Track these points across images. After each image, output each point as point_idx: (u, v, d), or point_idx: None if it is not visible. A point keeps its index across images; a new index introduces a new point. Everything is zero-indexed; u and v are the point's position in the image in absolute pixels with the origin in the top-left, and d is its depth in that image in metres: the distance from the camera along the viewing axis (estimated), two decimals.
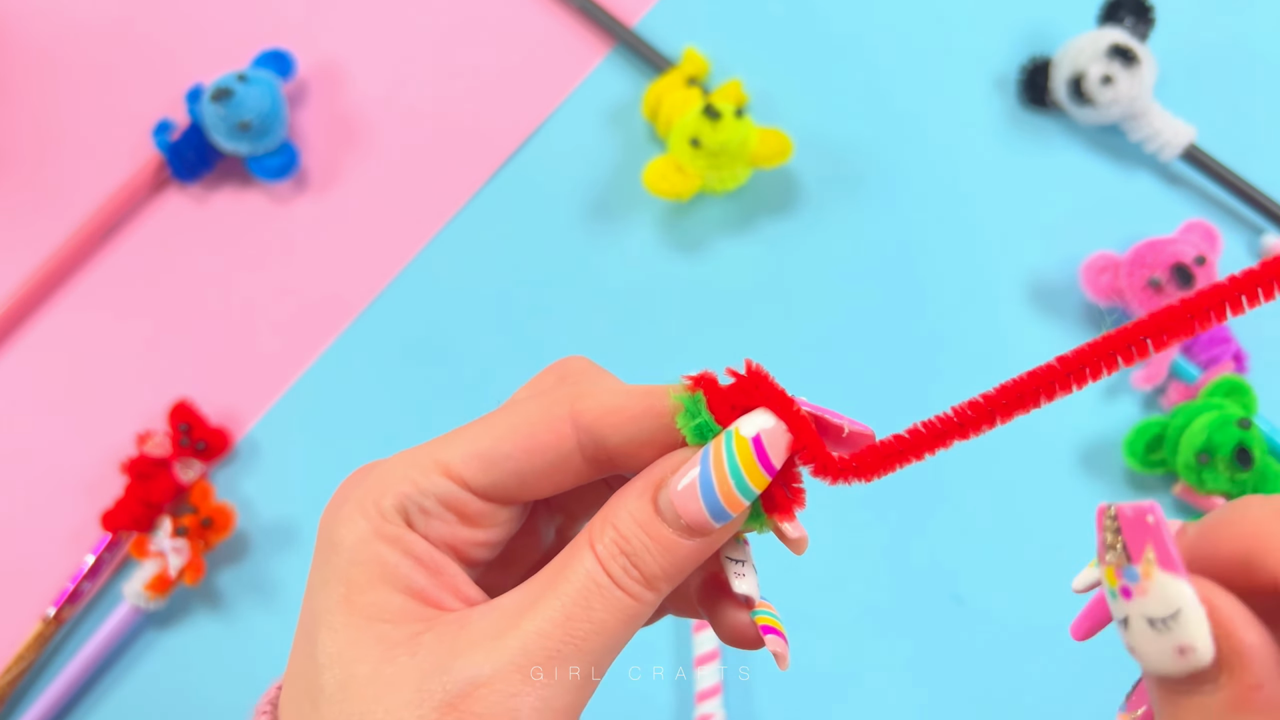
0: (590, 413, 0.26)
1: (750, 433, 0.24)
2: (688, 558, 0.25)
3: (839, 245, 0.58)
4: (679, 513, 0.25)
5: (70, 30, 0.64)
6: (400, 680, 0.24)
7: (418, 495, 0.26)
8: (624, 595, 0.25)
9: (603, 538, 0.25)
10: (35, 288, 0.58)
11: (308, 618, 0.26)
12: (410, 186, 0.60)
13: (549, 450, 0.26)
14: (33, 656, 0.52)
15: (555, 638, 0.24)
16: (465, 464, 0.26)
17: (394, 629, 0.24)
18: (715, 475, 0.24)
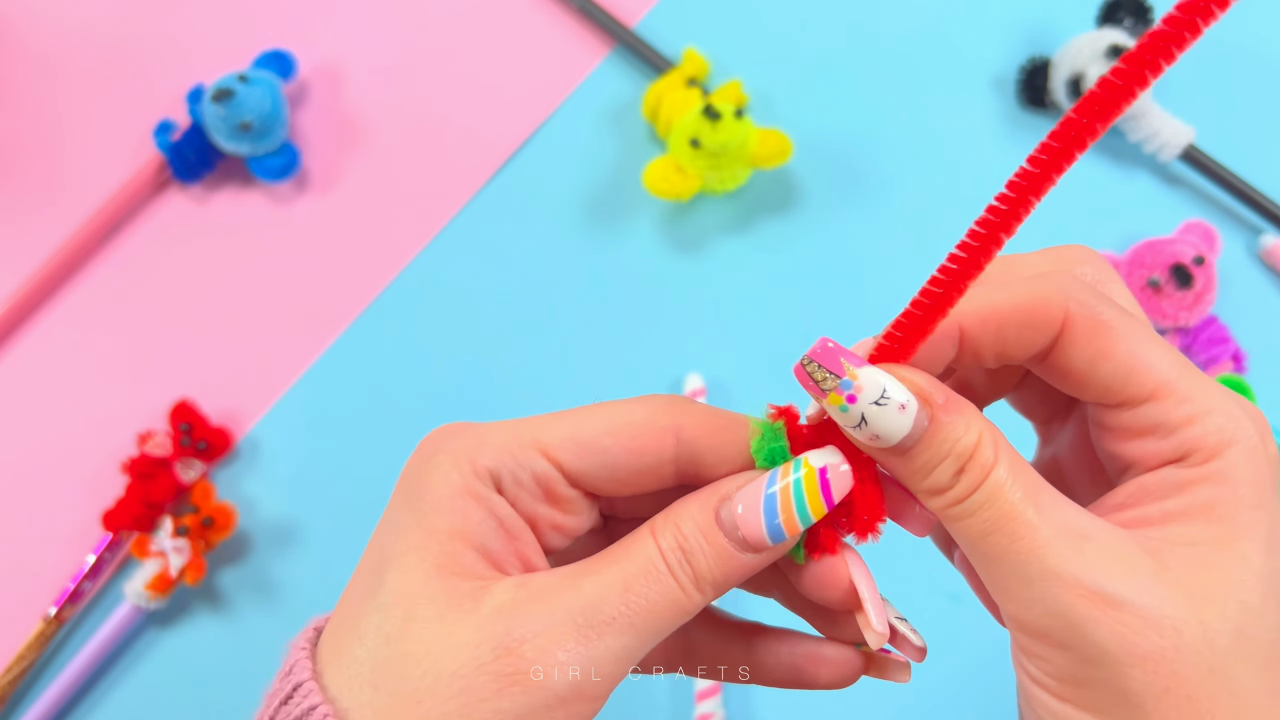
0: (694, 429, 0.27)
1: (819, 464, 0.26)
2: (736, 570, 0.27)
3: (839, 245, 0.58)
4: (738, 524, 0.26)
5: (72, 31, 0.64)
6: (461, 625, 0.25)
7: (514, 465, 0.27)
8: (675, 585, 0.26)
9: (664, 533, 0.26)
10: (37, 287, 0.58)
11: (374, 557, 0.27)
12: (410, 187, 0.60)
13: (648, 454, 0.27)
14: (34, 656, 0.52)
15: (611, 603, 0.25)
16: (564, 448, 0.27)
17: (462, 581, 0.25)
18: (780, 496, 0.26)
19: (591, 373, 0.56)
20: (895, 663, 0.30)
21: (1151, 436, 0.26)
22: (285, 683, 0.26)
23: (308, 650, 0.27)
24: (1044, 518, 0.24)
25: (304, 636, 0.27)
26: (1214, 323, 0.54)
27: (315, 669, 0.26)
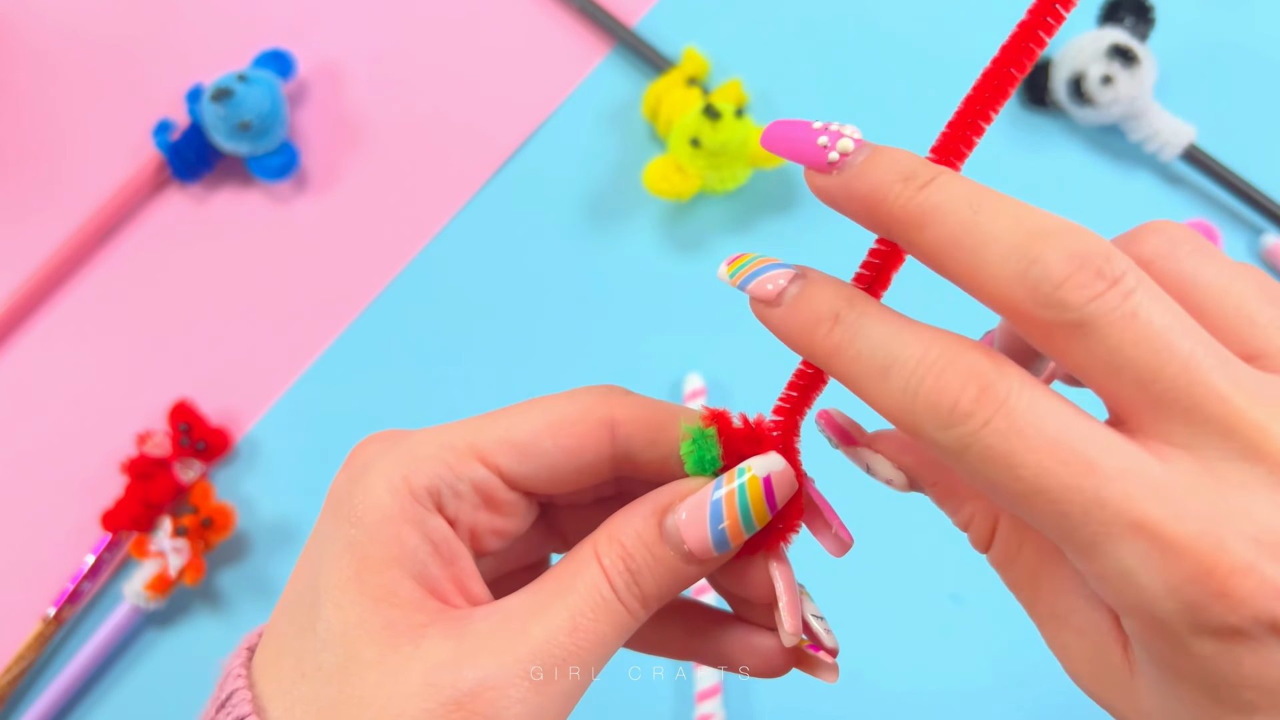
0: (630, 423, 0.27)
1: (763, 472, 0.26)
2: (683, 580, 0.26)
3: (839, 245, 0.58)
4: (684, 538, 0.26)
5: (71, 31, 0.64)
6: (405, 671, 0.24)
7: (453, 478, 0.26)
8: (623, 610, 0.25)
9: (609, 552, 0.26)
10: (36, 287, 0.58)
11: (307, 586, 0.26)
12: (410, 186, 0.60)
13: (586, 451, 0.27)
14: (33, 656, 0.52)
15: (563, 646, 0.24)
16: (500, 451, 0.26)
17: (401, 616, 0.24)
18: (725, 507, 0.26)
19: (592, 373, 0.56)
20: (822, 662, 0.29)
21: None
22: (224, 714, 0.26)
23: (245, 678, 0.26)
24: None
25: (238, 660, 0.27)
26: None
27: (255, 701, 0.25)
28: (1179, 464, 0.20)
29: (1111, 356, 0.21)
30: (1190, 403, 0.20)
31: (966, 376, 0.21)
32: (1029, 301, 0.21)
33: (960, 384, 0.21)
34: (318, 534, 0.26)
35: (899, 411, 0.22)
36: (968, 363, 0.21)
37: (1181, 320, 0.21)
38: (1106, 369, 0.21)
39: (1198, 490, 0.20)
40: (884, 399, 0.23)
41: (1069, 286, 0.21)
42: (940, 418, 0.21)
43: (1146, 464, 0.20)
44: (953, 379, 0.21)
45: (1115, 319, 0.21)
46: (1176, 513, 0.20)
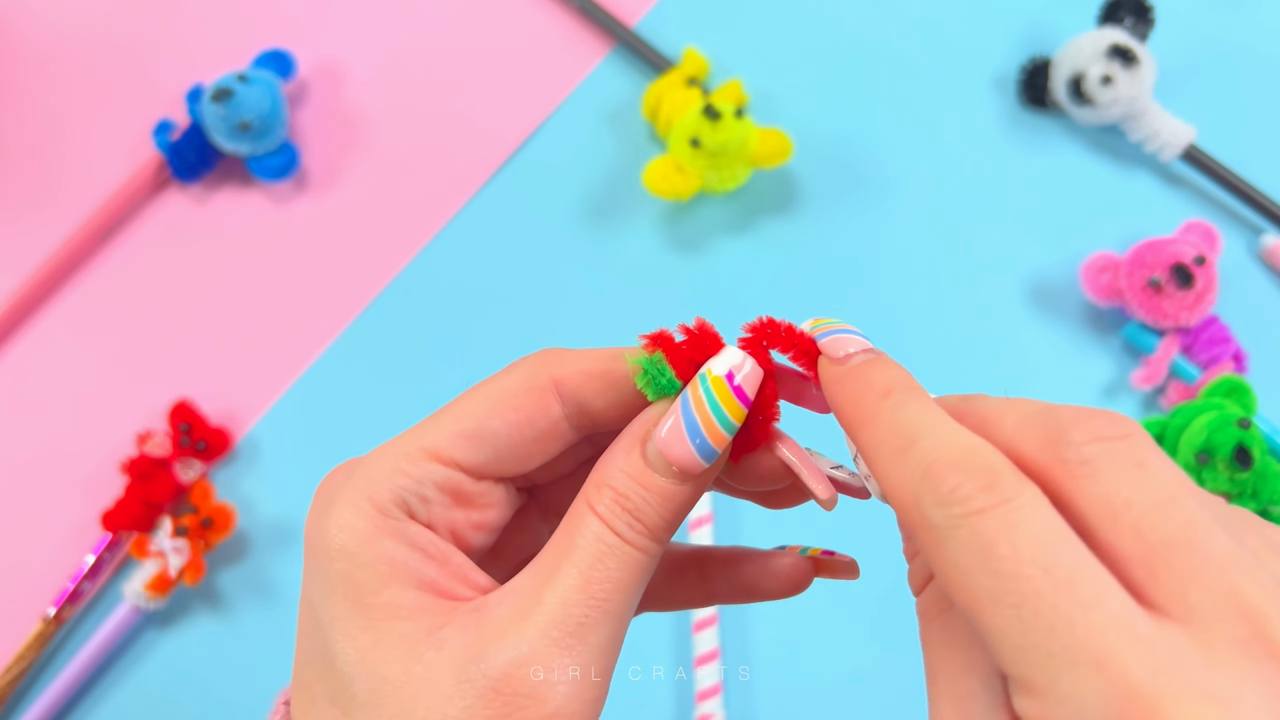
0: (572, 379, 0.27)
1: (723, 370, 0.26)
2: (684, 503, 0.26)
3: (839, 245, 0.58)
4: (668, 459, 0.25)
5: (71, 30, 0.64)
6: (434, 676, 0.24)
7: (414, 485, 0.25)
8: (633, 550, 0.25)
9: (601, 498, 0.25)
10: (36, 287, 0.58)
11: (314, 631, 0.25)
12: (410, 187, 0.60)
13: (537, 420, 0.26)
14: (33, 656, 0.52)
15: (580, 605, 0.24)
16: (454, 446, 0.26)
17: (414, 626, 0.24)
18: (698, 415, 0.25)
19: None
20: (841, 563, 0.30)
21: None
22: None
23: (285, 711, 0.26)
24: None
25: (279, 715, 0.27)
26: (1215, 323, 0.54)
27: None
28: (1171, 627, 0.19)
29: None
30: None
31: (983, 469, 0.21)
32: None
33: (973, 473, 0.21)
34: (306, 579, 0.26)
35: (902, 484, 0.22)
36: (989, 460, 0.21)
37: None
38: None
39: (1186, 664, 0.18)
40: (894, 471, 0.22)
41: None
42: (940, 495, 0.21)
43: (1134, 613, 0.19)
44: (969, 467, 0.21)
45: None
46: (1154, 668, 0.18)
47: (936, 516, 0.21)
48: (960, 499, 0.20)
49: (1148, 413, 0.55)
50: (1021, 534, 0.20)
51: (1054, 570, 0.19)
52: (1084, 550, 0.20)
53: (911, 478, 0.22)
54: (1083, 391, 0.55)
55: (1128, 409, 0.55)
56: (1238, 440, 0.49)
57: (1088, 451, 0.21)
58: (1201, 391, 0.53)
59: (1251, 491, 0.50)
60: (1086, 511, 0.20)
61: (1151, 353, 0.54)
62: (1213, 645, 0.18)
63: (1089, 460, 0.21)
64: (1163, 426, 0.52)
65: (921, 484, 0.21)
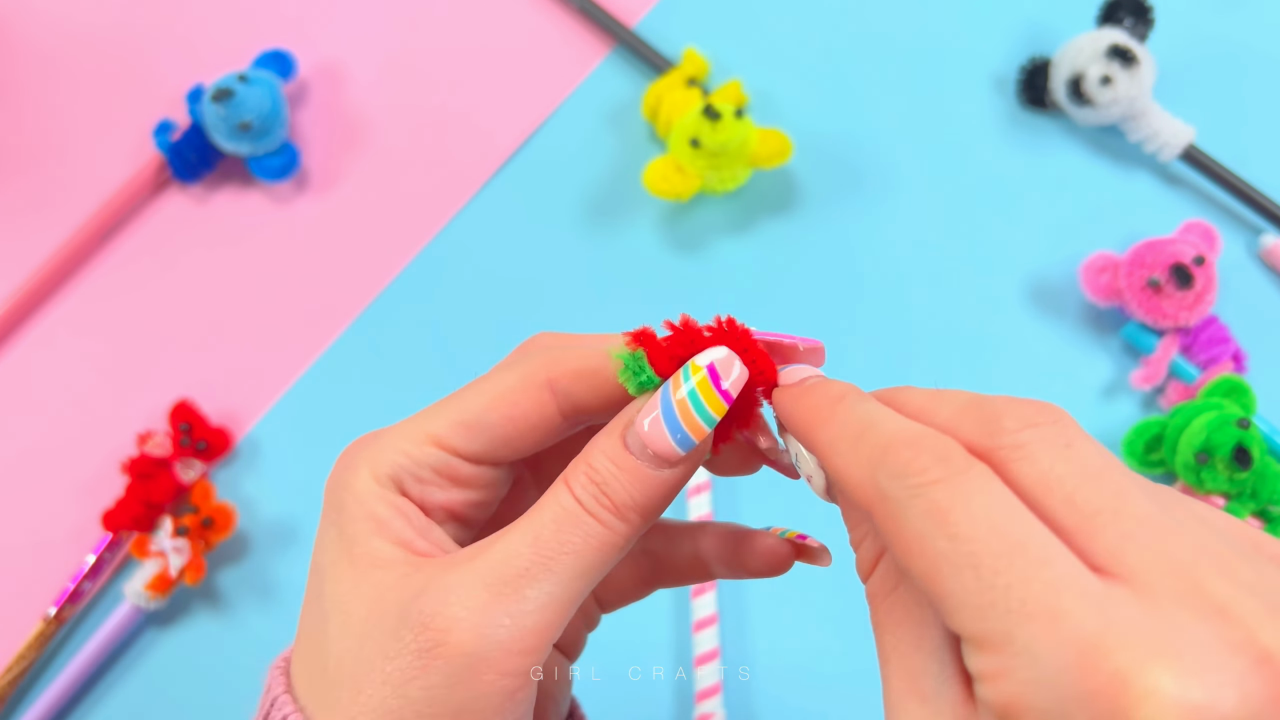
0: (565, 378, 0.28)
1: (704, 362, 0.27)
2: (659, 488, 0.27)
3: (839, 245, 0.58)
4: (646, 444, 0.27)
5: (71, 30, 0.64)
6: (385, 615, 0.26)
7: (412, 465, 0.28)
8: (593, 521, 0.26)
9: (576, 476, 0.27)
10: (36, 287, 0.58)
11: (314, 574, 0.28)
12: (410, 187, 0.60)
13: (531, 415, 0.28)
14: (33, 656, 0.52)
15: (523, 556, 0.26)
16: (453, 433, 0.28)
17: (387, 573, 0.26)
18: (676, 405, 0.27)
19: None
20: (813, 549, 0.31)
21: None
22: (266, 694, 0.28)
23: (284, 668, 0.28)
24: None
25: (282, 656, 0.29)
26: (1214, 323, 0.54)
27: (290, 689, 0.28)
28: (1117, 586, 0.20)
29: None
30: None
31: (937, 445, 0.22)
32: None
33: (928, 449, 0.22)
34: (319, 531, 0.29)
35: (858, 465, 0.23)
36: (943, 443, 0.22)
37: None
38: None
39: (1132, 618, 0.19)
40: (850, 456, 0.24)
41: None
42: (897, 468, 0.22)
43: (1083, 572, 0.20)
44: (924, 445, 0.22)
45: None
46: (1105, 620, 0.19)
47: (893, 489, 0.22)
48: (917, 470, 0.22)
49: (1147, 413, 0.55)
50: (976, 501, 0.21)
51: (1008, 534, 0.20)
52: (1033, 518, 0.21)
53: (869, 458, 0.23)
54: (1082, 391, 0.55)
55: (1127, 409, 0.55)
56: (1237, 440, 0.49)
57: (1021, 436, 0.22)
58: (1201, 391, 0.53)
59: (1251, 492, 0.50)
60: (1025, 489, 0.22)
61: (1151, 353, 0.54)
62: (1155, 599, 0.19)
63: (1023, 444, 0.22)
64: (1162, 426, 0.52)
65: (879, 461, 0.23)
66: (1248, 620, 0.19)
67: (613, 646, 0.51)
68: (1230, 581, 0.20)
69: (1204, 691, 0.18)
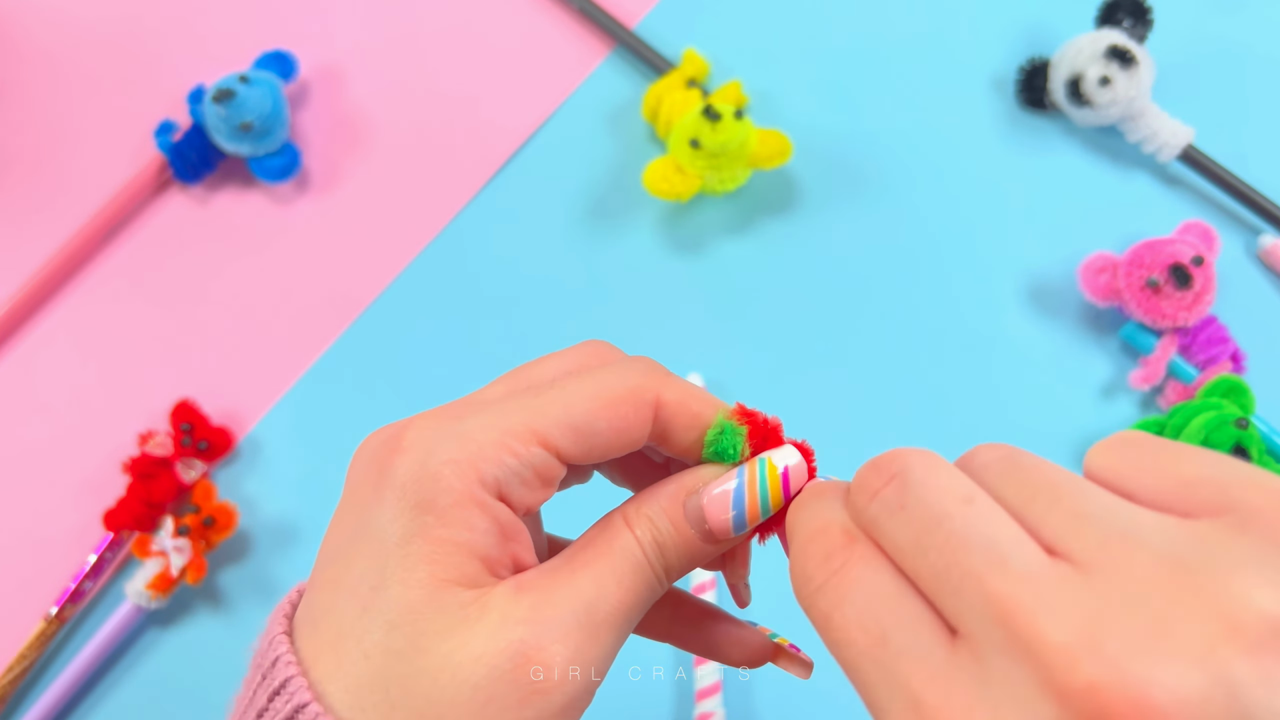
0: (673, 405, 0.29)
1: (782, 464, 0.29)
2: (698, 559, 0.29)
3: (839, 245, 0.58)
4: (705, 517, 0.28)
5: (72, 31, 0.64)
6: (472, 638, 0.25)
7: (520, 467, 0.27)
8: (653, 576, 0.28)
9: (639, 523, 0.28)
10: (37, 288, 0.58)
11: (371, 567, 0.26)
12: (411, 187, 0.60)
13: (633, 430, 0.28)
14: (35, 655, 0.52)
15: (609, 600, 0.27)
16: (562, 435, 0.27)
17: (464, 593, 0.26)
18: (748, 491, 0.28)
19: None
20: (801, 661, 0.32)
21: None
22: (281, 701, 0.26)
23: (296, 664, 0.26)
24: None
25: (283, 645, 0.27)
26: (1213, 323, 0.55)
27: (313, 687, 0.25)
28: (959, 650, 0.21)
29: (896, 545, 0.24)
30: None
31: (822, 545, 0.25)
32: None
33: (815, 551, 0.25)
34: (381, 514, 0.27)
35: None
36: (827, 539, 0.25)
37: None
38: (896, 555, 0.24)
39: (965, 683, 0.21)
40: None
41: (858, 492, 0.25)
42: (798, 577, 0.25)
43: (934, 647, 0.22)
44: (813, 547, 0.25)
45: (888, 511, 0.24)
46: (943, 692, 0.21)
47: (801, 598, 0.25)
48: (805, 578, 0.25)
49: (1146, 413, 0.55)
50: (847, 602, 0.23)
51: (870, 631, 0.23)
52: (900, 595, 0.23)
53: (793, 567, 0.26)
54: (1081, 392, 0.55)
55: (1126, 409, 0.55)
56: (1235, 440, 0.49)
57: (870, 512, 0.24)
58: (1199, 391, 0.53)
59: None
60: (893, 559, 0.23)
61: (1149, 353, 0.54)
62: (983, 659, 0.21)
63: (873, 520, 0.24)
64: (1160, 426, 0.52)
65: (792, 570, 0.25)
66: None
67: None
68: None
69: None
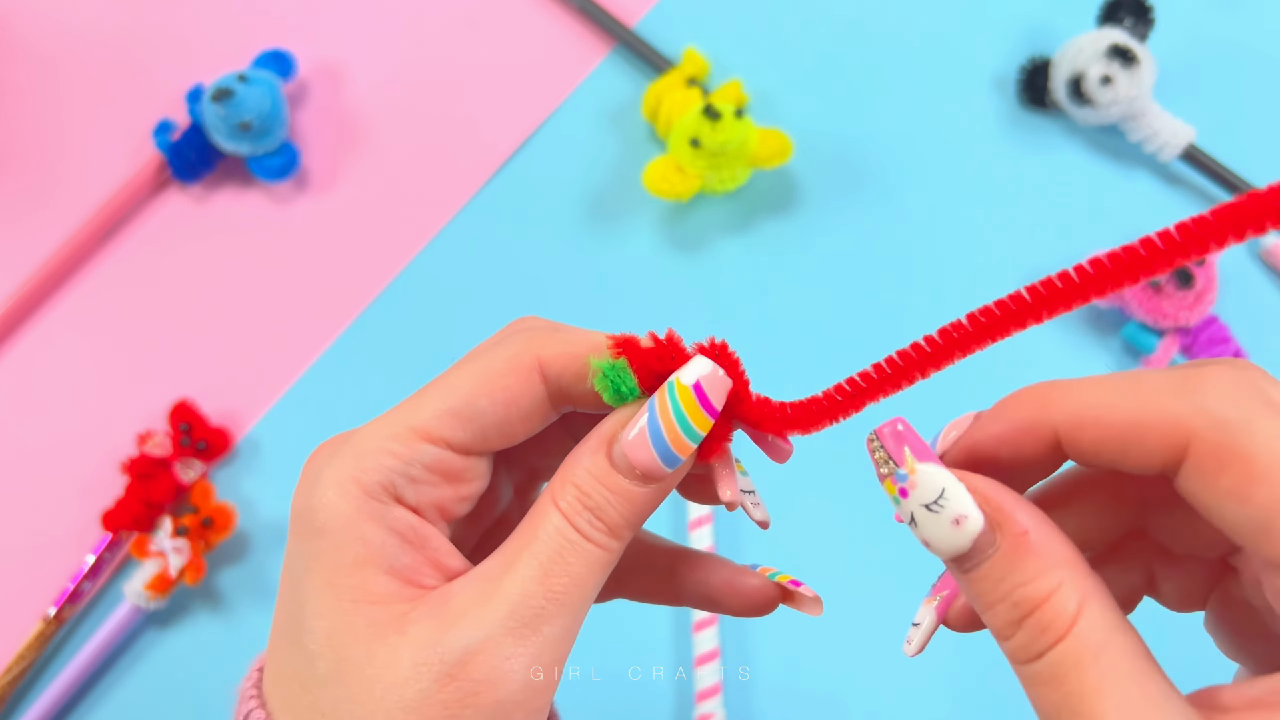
0: (556, 361, 0.27)
1: (690, 380, 0.26)
2: (646, 504, 0.26)
3: (839, 245, 0.58)
4: (632, 462, 0.26)
5: (71, 31, 0.64)
6: (394, 658, 0.24)
7: (403, 466, 0.26)
8: (593, 547, 0.26)
9: (565, 495, 0.26)
10: (37, 287, 0.58)
11: (290, 603, 0.26)
12: (410, 187, 0.60)
13: (522, 400, 0.27)
14: (33, 656, 0.52)
15: (537, 596, 0.25)
16: (442, 424, 0.26)
17: (382, 610, 0.25)
18: (663, 423, 0.26)
19: None
20: (807, 598, 0.30)
21: None
22: (239, 711, 0.26)
23: (257, 697, 0.26)
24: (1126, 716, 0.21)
25: (249, 681, 0.27)
26: (1215, 323, 0.54)
27: (265, 706, 0.26)
28: None
29: None
30: None
31: None
32: None
33: None
34: (289, 551, 0.26)
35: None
36: None
37: None
38: None
39: None
40: None
41: None
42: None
43: None
44: None
45: None
46: None
47: None
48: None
49: None
50: None
51: None
52: None
53: None
54: None
55: None
56: None
57: (1246, 447, 0.22)
58: None
59: None
60: (1258, 504, 0.21)
61: (1151, 353, 0.54)
62: None
63: (1250, 455, 0.22)
64: None
65: None
66: None
67: (613, 646, 0.51)
68: None
69: None
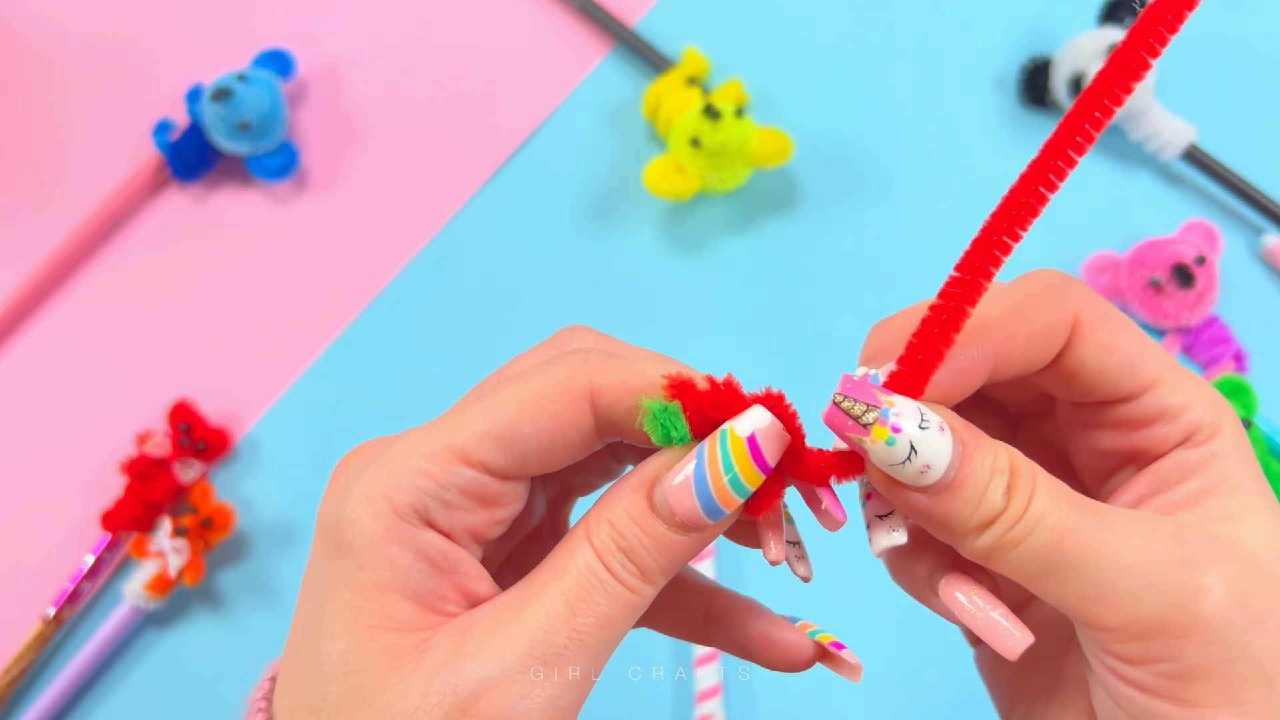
0: (609, 391, 0.25)
1: (745, 431, 0.24)
2: (682, 553, 0.25)
3: (839, 245, 0.58)
4: (674, 509, 0.24)
5: (71, 31, 0.64)
6: (406, 687, 0.23)
7: (437, 489, 0.24)
8: (624, 589, 0.24)
9: (599, 532, 0.25)
10: (36, 287, 0.58)
11: (309, 618, 0.25)
12: (410, 187, 0.60)
13: (569, 428, 0.25)
14: (33, 656, 0.52)
15: (560, 633, 0.24)
16: (483, 448, 0.25)
17: (400, 638, 0.24)
18: (709, 473, 0.24)
19: None
20: (848, 663, 0.29)
21: (1158, 423, 0.26)
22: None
23: (266, 710, 0.26)
24: (1110, 512, 0.24)
25: (260, 693, 0.26)
26: (1215, 323, 0.54)
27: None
28: None
29: None
30: None
31: None
32: None
33: None
34: (312, 563, 0.26)
35: None
36: None
37: None
38: None
39: None
40: None
41: None
42: None
43: None
44: None
45: None
46: None
47: None
48: None
49: None
50: None
51: None
52: None
53: None
54: None
55: None
56: None
57: (1106, 311, 0.28)
58: None
59: None
60: (1123, 350, 0.27)
61: None
62: None
63: (1110, 317, 0.27)
64: None
65: None
66: None
67: None
68: None
69: None
